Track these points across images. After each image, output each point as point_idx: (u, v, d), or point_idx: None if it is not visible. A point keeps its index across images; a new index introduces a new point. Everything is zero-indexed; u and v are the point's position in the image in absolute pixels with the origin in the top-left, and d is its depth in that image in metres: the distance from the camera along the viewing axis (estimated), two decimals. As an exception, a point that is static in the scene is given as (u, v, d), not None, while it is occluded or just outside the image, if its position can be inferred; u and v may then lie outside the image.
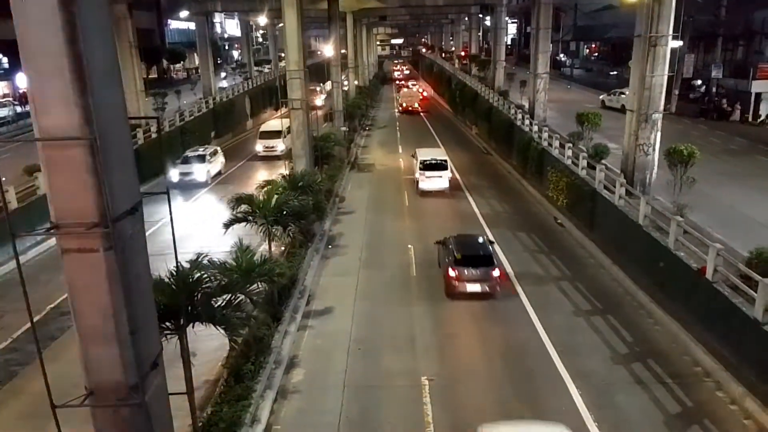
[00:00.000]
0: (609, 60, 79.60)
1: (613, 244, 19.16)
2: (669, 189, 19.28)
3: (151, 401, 5.82)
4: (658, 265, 15.80)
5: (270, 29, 70.29)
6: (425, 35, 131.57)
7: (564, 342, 14.34)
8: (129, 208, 5.47)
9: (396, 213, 25.60)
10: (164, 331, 9.14)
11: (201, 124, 39.82)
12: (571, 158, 23.85)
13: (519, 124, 33.10)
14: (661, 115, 20.28)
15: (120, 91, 5.58)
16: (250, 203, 16.58)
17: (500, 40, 48.67)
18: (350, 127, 42.44)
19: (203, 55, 49.31)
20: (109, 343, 5.46)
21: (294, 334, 14.85)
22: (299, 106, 24.26)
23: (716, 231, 17.92)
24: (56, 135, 4.92)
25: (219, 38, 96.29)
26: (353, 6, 50.93)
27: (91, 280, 5.29)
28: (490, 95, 43.61)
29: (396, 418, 11.78)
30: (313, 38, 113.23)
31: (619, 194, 18.86)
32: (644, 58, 19.55)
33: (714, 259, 13.21)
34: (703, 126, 40.92)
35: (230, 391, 11.35)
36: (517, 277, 18.18)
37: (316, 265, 19.43)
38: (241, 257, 12.70)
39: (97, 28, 5.04)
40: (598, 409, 11.75)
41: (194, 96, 51.51)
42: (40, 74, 4.85)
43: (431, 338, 14.83)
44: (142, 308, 5.82)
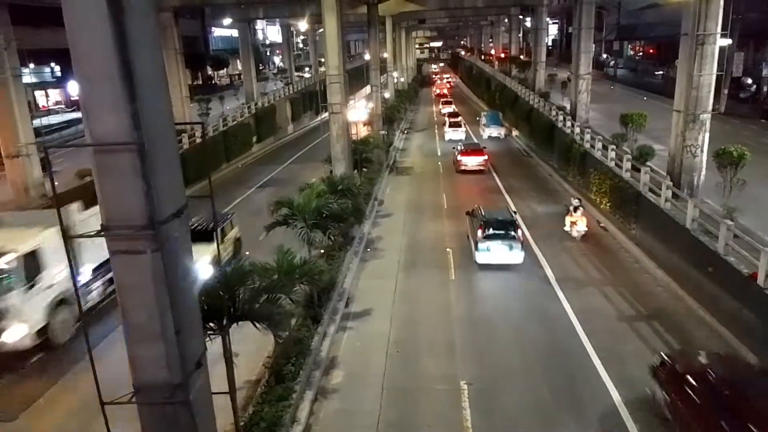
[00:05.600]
0: (654, 59, 77.62)
1: (658, 249, 18.64)
2: (718, 191, 18.67)
3: (195, 400, 5.95)
4: (707, 270, 15.30)
5: (310, 34, 71.23)
6: (464, 38, 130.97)
7: (607, 348, 14.02)
8: (175, 211, 5.61)
9: (434, 216, 25.52)
10: (208, 331, 9.33)
11: (243, 129, 40.59)
12: (614, 160, 23.35)
13: (560, 126, 32.60)
14: (710, 115, 19.67)
15: (167, 97, 5.74)
16: (290, 207, 16.79)
17: (541, 41, 48.09)
18: (389, 130, 42.55)
19: (245, 61, 50.32)
20: (155, 342, 5.62)
21: (333, 336, 14.95)
22: (339, 111, 24.45)
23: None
24: (106, 140, 5.09)
25: (261, 44, 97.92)
26: (392, 10, 51.10)
27: (138, 280, 5.46)
28: (530, 97, 43.08)
29: (434, 422, 11.72)
30: (353, 42, 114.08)
31: (665, 197, 18.35)
32: (691, 57, 19.01)
33: (766, 264, 12.71)
34: (754, 126, 39.47)
35: (271, 391, 11.50)
36: (558, 282, 17.87)
37: (355, 267, 19.52)
38: (282, 259, 12.88)
39: (145, 36, 5.20)
40: (640, 417, 11.43)
41: (237, 101, 52.58)
42: (91, 81, 5.03)
43: (470, 342, 14.70)
44: (187, 308, 5.97)
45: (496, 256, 18.65)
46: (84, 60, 4.98)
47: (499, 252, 18.63)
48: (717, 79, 19.85)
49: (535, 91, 44.64)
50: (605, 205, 23.44)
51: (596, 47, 68.06)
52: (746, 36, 47.50)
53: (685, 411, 10.11)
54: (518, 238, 18.76)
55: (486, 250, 18.66)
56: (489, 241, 18.55)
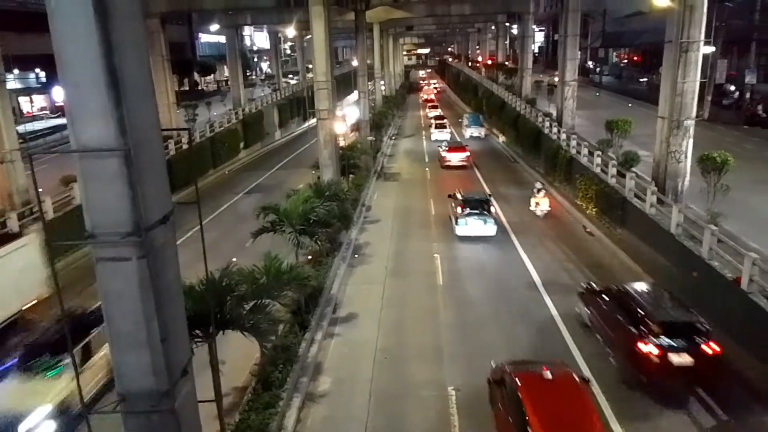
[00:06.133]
0: (639, 66, 78.53)
1: (644, 253, 18.81)
2: (702, 197, 18.88)
3: (181, 408, 5.91)
4: (692, 274, 15.46)
5: (298, 41, 71.24)
6: (451, 44, 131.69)
7: (594, 352, 14.08)
8: (161, 217, 5.58)
9: (422, 222, 25.57)
10: (194, 338, 9.27)
11: (230, 135, 40.47)
12: (600, 166, 23.55)
13: (547, 132, 32.84)
14: (694, 121, 19.91)
15: (153, 103, 5.72)
16: (277, 212, 16.75)
17: (527, 48, 48.49)
18: (377, 136, 42.63)
19: (233, 67, 50.22)
20: (140, 350, 5.57)
21: (321, 342, 14.91)
22: (326, 117, 24.47)
23: (751, 240, 17.47)
24: (92, 146, 5.06)
25: (248, 50, 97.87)
26: (380, 16, 51.30)
27: (124, 288, 5.41)
28: (517, 103, 43.39)
29: (422, 429, 11.71)
30: (341, 48, 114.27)
31: (650, 202, 18.54)
32: (675, 64, 19.23)
33: (749, 268, 12.87)
34: (738, 132, 40.02)
35: (258, 398, 11.44)
36: (545, 286, 18.00)
37: (343, 273, 19.50)
38: (269, 264, 12.84)
39: (132, 42, 5.18)
40: (627, 423, 11.49)
41: (224, 107, 52.42)
42: (77, 87, 5.00)
43: (458, 348, 14.72)
44: (173, 316, 5.93)
45: (473, 229, 22.06)
46: (70, 66, 4.95)
47: (475, 225, 22.06)
48: (701, 85, 20.08)
49: (522, 97, 44.96)
50: (591, 210, 23.62)
51: (582, 54, 68.73)
52: (729, 43, 48.27)
53: (597, 316, 14.36)
54: (492, 214, 22.53)
55: (465, 224, 22.11)
56: (467, 217, 22.04)
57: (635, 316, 12.63)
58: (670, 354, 11.78)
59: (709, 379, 11.96)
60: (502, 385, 10.72)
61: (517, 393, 9.88)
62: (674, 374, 11.84)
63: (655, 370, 11.87)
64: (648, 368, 11.94)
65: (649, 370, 11.97)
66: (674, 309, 12.88)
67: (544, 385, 10.06)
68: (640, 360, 11.99)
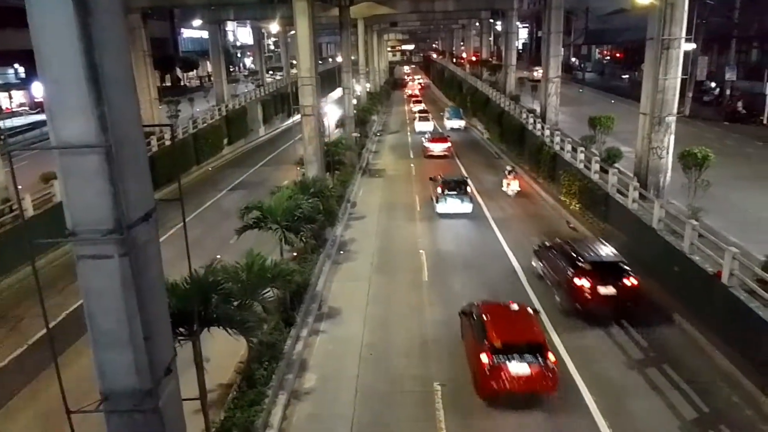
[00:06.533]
0: (621, 63, 79.22)
1: (626, 248, 18.98)
2: (683, 192, 19.13)
3: (165, 406, 5.86)
4: (673, 269, 15.66)
5: (282, 36, 70.86)
6: (436, 41, 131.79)
7: (576, 346, 14.24)
8: (143, 214, 5.52)
9: (407, 218, 25.61)
10: (178, 336, 9.20)
11: (214, 132, 40.19)
12: (583, 162, 23.74)
13: (531, 129, 33.03)
14: (675, 117, 20.14)
15: (134, 99, 5.64)
16: (262, 209, 16.67)
17: (511, 44, 48.68)
18: (361, 132, 42.58)
19: (216, 62, 49.83)
20: (123, 349, 5.51)
21: (306, 339, 14.88)
22: (311, 113, 24.38)
23: (732, 234, 17.74)
24: (72, 143, 4.98)
25: (231, 46, 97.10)
26: (364, 12, 51.19)
27: (105, 286, 5.35)
28: (501, 100, 43.57)
29: (408, 424, 11.75)
30: (325, 44, 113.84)
31: (632, 198, 18.74)
32: (657, 61, 19.44)
33: (730, 263, 13.08)
34: (718, 128, 40.56)
35: (243, 396, 11.40)
36: (528, 283, 18.11)
37: (328, 270, 19.47)
38: (252, 261, 12.77)
39: (112, 38, 5.11)
40: (612, 415, 11.65)
41: (207, 103, 52.01)
42: (57, 83, 4.91)
43: (443, 343, 14.78)
44: (156, 314, 5.87)
45: (452, 207, 24.72)
46: (49, 61, 4.87)
47: (453, 204, 24.70)
48: (682, 82, 20.33)
49: (506, 93, 45.15)
50: (575, 206, 23.81)
51: (565, 51, 69.23)
52: (710, 40, 48.87)
53: (546, 266, 17.50)
54: (468, 194, 25.14)
55: (444, 203, 24.73)
56: (447, 196, 24.70)
57: (573, 260, 15.78)
58: (598, 286, 14.92)
59: (627, 305, 15.11)
60: (471, 315, 13.59)
61: (481, 316, 12.90)
62: (601, 302, 15.01)
63: (587, 299, 15.09)
64: (581, 298, 15.18)
65: (582, 299, 15.19)
66: (603, 253, 16.09)
67: (501, 310, 13.34)
68: (575, 292, 15.26)
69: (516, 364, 11.70)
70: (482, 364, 11.92)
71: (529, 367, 11.70)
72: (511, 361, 11.72)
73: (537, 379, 11.74)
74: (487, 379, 11.85)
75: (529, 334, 12.33)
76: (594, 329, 15.11)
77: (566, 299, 15.74)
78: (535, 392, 12.00)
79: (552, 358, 11.96)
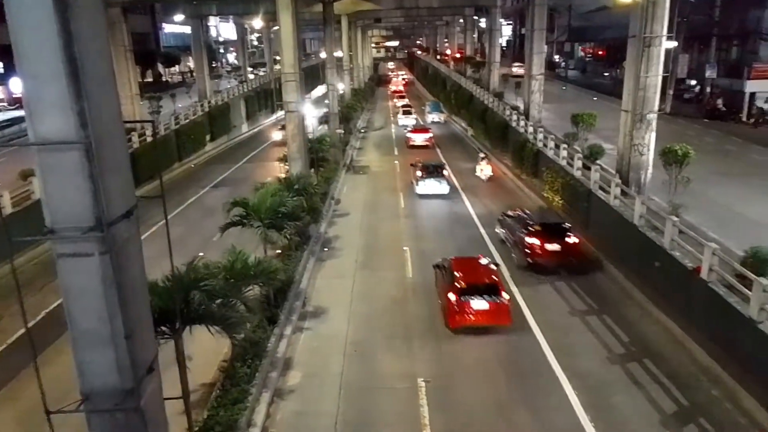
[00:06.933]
0: (603, 61, 79.85)
1: (608, 244, 19.21)
2: (664, 189, 19.35)
3: (147, 406, 5.81)
4: (654, 264, 15.85)
5: (265, 32, 70.40)
6: (420, 37, 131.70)
7: (559, 342, 14.37)
8: (124, 212, 5.47)
9: (391, 215, 25.62)
10: (160, 335, 9.12)
11: (196, 128, 39.82)
12: (566, 159, 23.92)
13: (514, 125, 33.18)
14: (656, 115, 20.35)
15: (115, 94, 5.59)
16: (245, 206, 16.56)
17: (495, 41, 48.84)
18: (346, 129, 42.49)
19: (198, 58, 49.36)
20: (104, 348, 5.45)
21: (290, 337, 14.83)
22: (295, 109, 24.26)
23: (711, 230, 18.00)
24: (51, 139, 4.92)
25: (214, 41, 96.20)
26: (348, 8, 50.98)
27: (86, 284, 5.29)
28: (485, 97, 43.70)
29: (392, 421, 11.78)
30: (308, 41, 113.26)
31: (614, 194, 18.91)
32: (639, 58, 19.62)
33: (709, 258, 13.25)
34: (698, 126, 41.10)
35: (226, 394, 11.32)
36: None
37: (312, 267, 19.42)
38: (235, 258, 12.68)
39: (93, 33, 5.05)
40: (594, 409, 11.78)
41: (189, 99, 51.55)
42: (36, 79, 4.85)
43: (428, 339, 14.83)
44: (138, 312, 5.82)
45: (430, 188, 27.45)
46: (28, 57, 4.79)
47: (431, 185, 27.45)
48: (663, 80, 20.54)
49: (490, 90, 45.30)
50: (558, 202, 23.99)
51: (548, 49, 69.65)
52: (691, 38, 49.42)
53: (507, 231, 20.48)
54: (445, 177, 28.04)
55: (423, 184, 27.45)
56: (426, 179, 27.49)
57: (526, 223, 19.03)
58: (546, 243, 18.16)
59: (570, 259, 18.23)
60: (443, 267, 16.43)
61: (451, 266, 15.79)
62: (548, 256, 18.22)
63: (537, 254, 18.26)
64: (532, 253, 18.32)
65: (533, 254, 18.33)
66: (551, 218, 20.28)
67: (468, 262, 16.42)
68: (528, 248, 18.38)
69: (477, 301, 14.51)
70: (451, 302, 14.72)
71: (487, 303, 14.54)
72: (474, 299, 14.48)
73: (494, 312, 14.61)
74: (455, 313, 14.64)
75: (488, 278, 15.26)
76: (542, 279, 18.22)
77: (521, 256, 18.84)
78: (493, 323, 14.73)
79: (506, 296, 14.85)
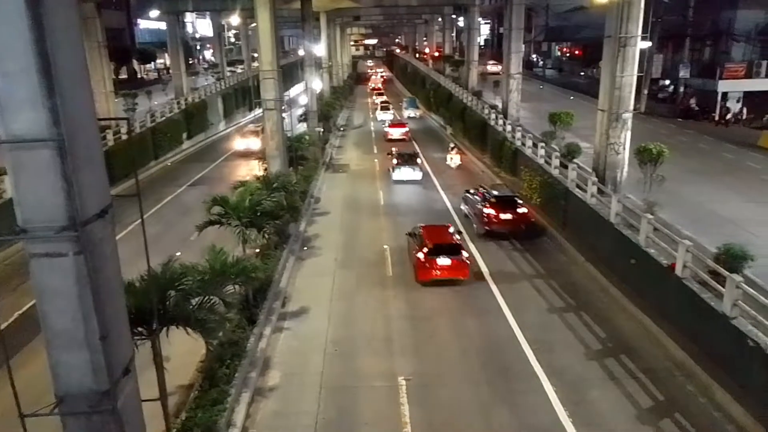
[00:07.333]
0: (580, 60, 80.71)
1: (585, 242, 19.44)
2: (639, 187, 19.64)
3: (124, 408, 5.72)
4: (630, 261, 16.07)
5: (243, 29, 69.79)
6: (399, 36, 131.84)
7: (538, 339, 14.51)
8: (99, 211, 5.36)
9: (371, 213, 25.62)
10: (136, 335, 8.98)
11: (173, 125, 39.31)
12: (544, 157, 24.13)
13: (493, 124, 33.38)
14: (631, 114, 20.63)
15: (89, 91, 5.48)
16: (224, 205, 16.40)
17: (473, 40, 49.06)
18: (325, 127, 42.35)
19: (174, 55, 48.68)
20: (79, 349, 5.35)
21: (269, 337, 14.73)
22: (273, 107, 24.10)
23: (685, 228, 18.31)
24: (23, 137, 4.81)
25: (191, 38, 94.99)
26: (326, 6, 50.79)
27: (59, 285, 5.18)
28: (464, 95, 43.89)
29: (373, 419, 11.77)
30: (287, 38, 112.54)
31: (591, 192, 19.13)
32: (614, 58, 19.86)
33: (683, 255, 13.49)
34: (672, 125, 41.78)
35: (205, 395, 11.20)
36: (492, 276, 18.35)
37: (292, 266, 19.32)
38: (214, 258, 12.56)
39: (65, 28, 4.94)
40: (572, 405, 11.91)
41: (166, 96, 50.87)
42: (6, 75, 4.73)
43: (408, 337, 14.85)
44: (113, 313, 5.72)
45: (405, 174, 30.25)
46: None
47: (406, 172, 30.26)
48: (638, 79, 20.82)
49: (469, 89, 45.51)
50: (536, 200, 24.20)
51: (526, 48, 70.15)
52: (665, 39, 50.17)
53: (469, 205, 23.83)
54: (419, 165, 31.08)
55: (399, 171, 30.30)
56: (401, 166, 30.40)
57: (484, 197, 22.05)
58: (500, 213, 21.26)
59: (521, 226, 21.50)
60: (415, 234, 19.07)
61: (421, 231, 18.60)
62: (502, 224, 21.36)
63: (492, 222, 21.39)
64: (489, 221, 21.42)
65: (489, 223, 21.44)
66: (504, 192, 22.98)
67: (435, 228, 19.28)
68: (485, 218, 21.51)
69: (442, 258, 17.25)
70: (420, 260, 17.57)
71: (450, 260, 17.25)
72: (439, 256, 17.21)
73: (456, 268, 17.35)
74: (423, 269, 17.45)
75: (451, 240, 18.08)
76: (495, 243, 21.36)
77: (480, 225, 21.98)
78: (455, 277, 17.41)
79: (465, 255, 17.72)
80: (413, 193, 28.89)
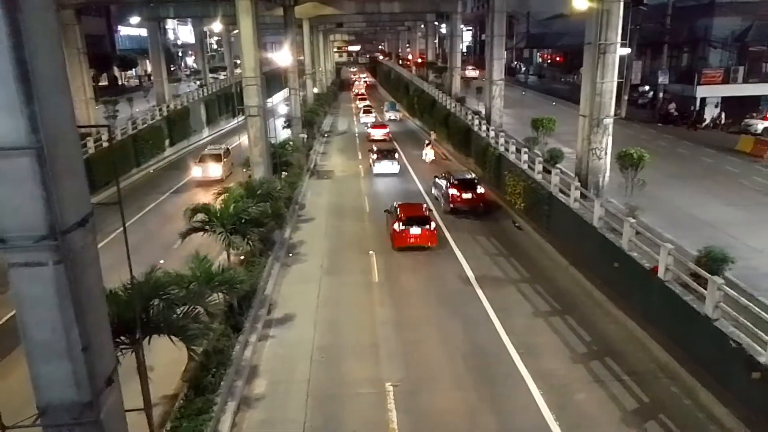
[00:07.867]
0: (561, 67, 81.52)
1: (569, 246, 19.58)
2: (621, 191, 19.83)
3: (107, 419, 5.64)
4: (613, 265, 16.20)
5: (225, 36, 69.60)
6: (382, 42, 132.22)
7: (524, 343, 14.55)
8: (79, 219, 5.30)
9: (356, 219, 25.58)
10: (119, 345, 8.86)
11: (155, 132, 38.98)
12: (527, 163, 24.30)
13: (476, 130, 33.55)
14: (612, 119, 20.87)
15: (68, 98, 5.43)
16: (208, 212, 16.27)
17: (456, 47, 49.39)
18: (309, 133, 42.26)
19: (155, 62, 48.36)
20: (60, 360, 5.27)
21: (255, 345, 14.60)
22: (256, 113, 24.00)
23: (666, 231, 18.50)
24: (1, 144, 4.74)
25: (172, 45, 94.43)
26: (309, 12, 50.74)
27: (40, 294, 5.11)
28: (447, 102, 44.09)
29: (360, 426, 11.71)
30: (269, 45, 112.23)
31: (573, 197, 19.29)
32: (594, 65, 20.09)
33: (665, 258, 13.63)
34: (652, 130, 42.32)
35: (190, 404, 11.06)
36: (478, 281, 18.39)
37: (277, 273, 19.20)
38: (198, 267, 12.44)
39: (44, 34, 4.90)
40: (558, 409, 11.95)
41: (147, 103, 50.43)
42: (-17, 81, 4.66)
43: (395, 343, 14.82)
44: (95, 323, 5.63)
45: (384, 167, 33.64)
46: (-26, 58, 4.60)
47: (385, 166, 33.68)
48: (618, 86, 21.07)
49: (452, 95, 45.73)
50: (519, 205, 24.35)
51: (508, 54, 70.73)
52: (644, 45, 50.85)
53: (437, 187, 27.81)
54: (396, 159, 34.47)
55: (379, 164, 33.68)
56: (381, 160, 33.78)
57: (449, 180, 25.95)
58: (462, 193, 25.17)
59: (479, 204, 25.37)
60: (392, 210, 22.36)
61: (397, 207, 22.05)
62: (463, 202, 25.19)
63: (456, 200, 25.23)
64: (453, 200, 25.28)
65: (453, 201, 25.29)
66: (466, 176, 27.16)
67: (410, 206, 22.55)
68: (450, 197, 25.36)
69: (414, 228, 20.74)
70: (395, 230, 21.01)
71: (420, 230, 20.77)
72: (411, 227, 20.70)
73: (425, 236, 20.90)
74: (399, 237, 20.91)
75: (421, 213, 21.67)
76: (460, 219, 25.12)
77: (446, 204, 25.84)
78: (425, 244, 20.94)
79: (433, 225, 21.31)
80: (392, 185, 31.72)
